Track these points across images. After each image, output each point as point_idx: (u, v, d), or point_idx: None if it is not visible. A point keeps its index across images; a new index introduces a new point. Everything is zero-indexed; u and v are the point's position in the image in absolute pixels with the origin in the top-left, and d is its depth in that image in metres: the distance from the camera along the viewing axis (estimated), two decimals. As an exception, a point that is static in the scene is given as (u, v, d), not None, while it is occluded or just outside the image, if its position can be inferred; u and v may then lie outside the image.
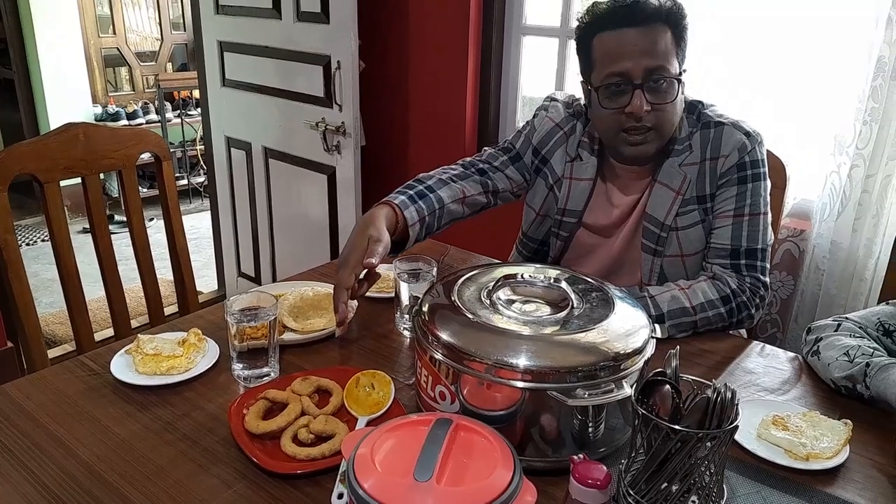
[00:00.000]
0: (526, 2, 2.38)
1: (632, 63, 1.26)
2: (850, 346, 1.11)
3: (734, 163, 1.33)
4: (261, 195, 2.91)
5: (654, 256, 1.41)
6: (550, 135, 1.49)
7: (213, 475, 0.92)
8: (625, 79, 1.28)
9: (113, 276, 1.71)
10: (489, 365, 0.91)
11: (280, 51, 2.59)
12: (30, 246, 4.30)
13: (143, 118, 5.00)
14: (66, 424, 1.01)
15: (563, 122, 1.48)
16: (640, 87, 1.27)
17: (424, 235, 1.41)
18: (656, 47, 1.27)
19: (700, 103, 1.40)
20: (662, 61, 1.27)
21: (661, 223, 1.38)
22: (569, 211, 1.48)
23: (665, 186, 1.37)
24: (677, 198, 1.37)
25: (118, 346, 1.20)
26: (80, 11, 4.68)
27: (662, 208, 1.38)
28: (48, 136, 1.58)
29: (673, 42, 1.28)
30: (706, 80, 1.90)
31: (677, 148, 1.37)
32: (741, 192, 1.34)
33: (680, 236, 1.38)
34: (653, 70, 1.26)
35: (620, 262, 1.47)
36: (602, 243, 1.49)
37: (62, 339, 3.04)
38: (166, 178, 1.77)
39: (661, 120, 1.30)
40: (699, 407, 0.79)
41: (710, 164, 1.35)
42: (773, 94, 1.87)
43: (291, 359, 1.20)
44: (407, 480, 0.75)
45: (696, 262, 1.40)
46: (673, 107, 1.30)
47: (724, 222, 1.35)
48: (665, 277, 1.41)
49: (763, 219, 1.35)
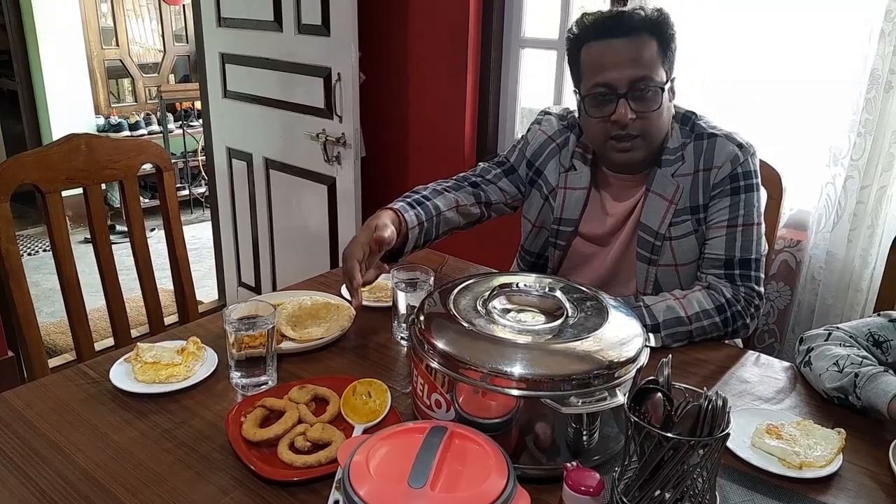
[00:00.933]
0: (525, 15, 2.40)
1: (617, 73, 1.29)
2: (840, 356, 1.12)
3: (727, 174, 1.35)
4: (261, 205, 2.92)
5: (648, 265, 1.42)
6: (543, 147, 1.51)
7: (210, 482, 0.93)
8: (610, 88, 1.31)
9: (113, 286, 1.72)
10: (484, 373, 0.92)
11: (281, 63, 2.62)
12: (31, 256, 4.32)
13: (145, 129, 5.02)
14: (65, 432, 1.02)
15: (556, 134, 1.51)
16: (624, 96, 1.30)
17: (423, 242, 1.43)
18: (641, 57, 1.29)
19: (694, 115, 1.42)
20: (647, 71, 1.29)
21: (655, 232, 1.40)
22: (565, 220, 1.49)
23: (658, 196, 1.39)
24: (670, 207, 1.38)
25: (118, 354, 1.22)
26: (84, 23, 4.72)
27: (656, 217, 1.39)
28: (50, 147, 1.59)
29: (659, 52, 1.31)
30: (703, 92, 1.92)
31: (669, 158, 1.39)
32: (734, 202, 1.35)
33: (673, 246, 1.40)
34: (637, 80, 1.29)
35: (616, 271, 1.49)
36: (598, 252, 1.50)
37: (63, 348, 3.05)
38: (167, 189, 1.78)
39: (647, 127, 1.32)
40: (691, 414, 0.80)
41: (704, 175, 1.37)
42: (771, 106, 1.89)
43: (289, 367, 1.21)
44: (401, 487, 0.76)
45: (690, 272, 1.41)
46: (658, 115, 1.33)
47: (718, 233, 1.37)
48: (660, 286, 1.42)
49: (756, 229, 1.37)
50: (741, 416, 1.08)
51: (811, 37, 1.80)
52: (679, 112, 1.42)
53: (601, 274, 1.49)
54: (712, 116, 1.43)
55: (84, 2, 4.71)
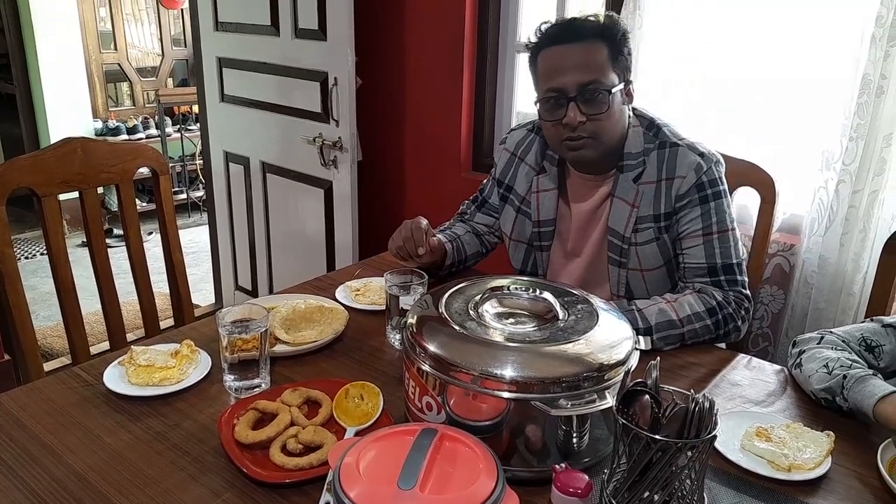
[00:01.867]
0: (520, 20, 2.41)
1: (567, 78, 1.34)
2: (830, 359, 1.12)
3: (692, 183, 1.38)
4: (258, 209, 2.93)
5: (619, 268, 1.46)
6: (509, 164, 1.60)
7: (202, 484, 0.93)
8: (561, 93, 1.35)
9: (109, 290, 1.73)
10: (475, 376, 0.92)
11: (278, 67, 2.62)
12: (28, 259, 4.32)
13: (143, 133, 5.02)
14: (58, 434, 1.02)
15: (519, 144, 1.59)
16: (573, 99, 1.34)
17: (458, 260, 1.61)
18: (590, 62, 1.34)
19: (660, 122, 1.45)
20: (596, 75, 1.34)
21: (622, 236, 1.44)
22: (543, 222, 1.54)
23: (622, 200, 1.43)
24: (633, 211, 1.42)
25: (112, 357, 1.22)
26: (82, 27, 4.73)
27: (621, 222, 1.43)
28: (46, 151, 1.60)
29: (609, 56, 1.35)
30: (692, 96, 1.93)
31: (630, 163, 1.42)
32: (705, 211, 1.38)
33: (638, 251, 1.43)
34: (586, 83, 1.34)
35: (590, 275, 1.52)
36: (572, 257, 1.55)
37: (59, 352, 3.06)
38: (163, 192, 1.79)
39: (598, 129, 1.36)
40: (678, 417, 0.81)
41: (666, 185, 1.40)
42: (765, 109, 1.89)
43: (283, 370, 1.22)
44: (391, 489, 0.77)
45: (655, 277, 1.45)
46: (608, 116, 1.36)
47: (695, 242, 1.39)
48: (630, 290, 1.46)
49: (732, 234, 1.39)
50: (731, 418, 1.09)
51: (804, 41, 1.80)
52: (646, 118, 1.45)
53: (575, 278, 1.53)
54: (712, 115, 1.46)
55: (83, 5, 4.72)
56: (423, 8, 2.48)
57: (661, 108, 1.68)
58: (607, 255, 1.47)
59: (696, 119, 1.92)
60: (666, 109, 1.80)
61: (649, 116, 1.46)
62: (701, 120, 1.93)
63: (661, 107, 1.81)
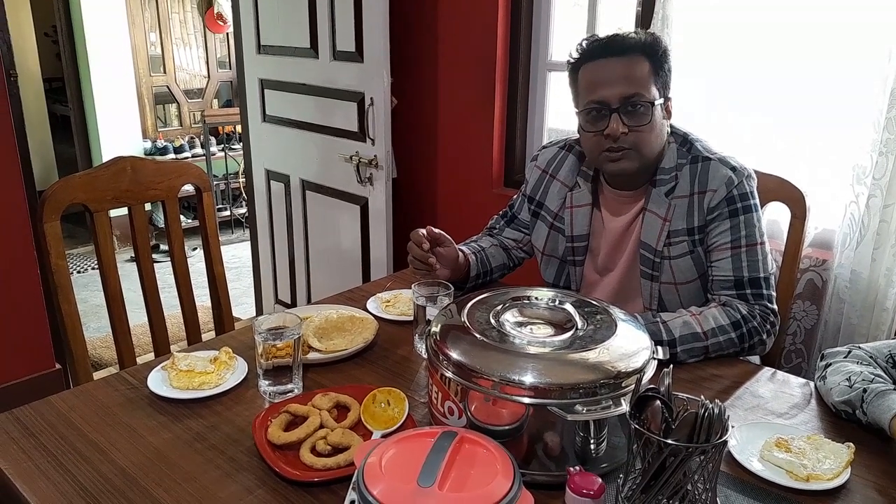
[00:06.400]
0: (551, 39, 2.45)
1: (610, 90, 1.37)
2: (853, 372, 1.13)
3: (723, 197, 1.39)
4: (298, 225, 3.02)
5: (651, 282, 1.47)
6: (540, 180, 1.63)
7: (236, 482, 0.99)
8: (603, 104, 1.38)
9: (155, 303, 1.80)
10: (495, 382, 0.96)
11: (317, 88, 2.72)
12: (80, 273, 4.50)
13: (189, 152, 5.21)
14: (104, 433, 1.09)
15: (549, 162, 1.62)
16: (616, 111, 1.37)
17: (482, 272, 1.63)
18: (633, 76, 1.37)
19: (693, 138, 1.47)
20: (638, 88, 1.37)
21: (654, 250, 1.45)
22: (577, 237, 1.56)
23: (654, 214, 1.45)
24: (665, 224, 1.43)
25: (155, 362, 1.29)
26: (133, 52, 4.94)
27: (654, 236, 1.45)
28: (98, 169, 1.70)
29: (651, 71, 1.38)
30: (720, 113, 1.95)
31: (663, 178, 1.44)
32: (734, 224, 1.40)
33: (672, 265, 1.44)
34: (629, 96, 1.37)
35: (623, 289, 1.53)
36: (605, 272, 1.56)
37: (108, 362, 3.18)
38: (206, 209, 1.87)
39: (639, 140, 1.39)
40: (688, 422, 0.83)
41: (699, 198, 1.41)
42: (794, 125, 1.90)
43: (315, 377, 1.27)
44: (411, 486, 0.81)
45: (689, 291, 1.46)
46: (650, 129, 1.39)
47: (723, 254, 1.40)
48: (664, 303, 1.47)
49: (761, 248, 1.40)
50: (751, 429, 1.10)
51: (833, 55, 1.80)
52: (680, 134, 1.47)
53: (609, 292, 1.55)
54: (743, 132, 1.46)
55: (134, 31, 4.93)
56: (456, 29, 2.55)
57: (690, 124, 1.70)
58: (640, 269, 1.48)
59: (726, 135, 1.94)
60: (695, 126, 1.82)
61: (683, 132, 1.48)
62: (730, 136, 1.94)
63: (689, 123, 1.83)
